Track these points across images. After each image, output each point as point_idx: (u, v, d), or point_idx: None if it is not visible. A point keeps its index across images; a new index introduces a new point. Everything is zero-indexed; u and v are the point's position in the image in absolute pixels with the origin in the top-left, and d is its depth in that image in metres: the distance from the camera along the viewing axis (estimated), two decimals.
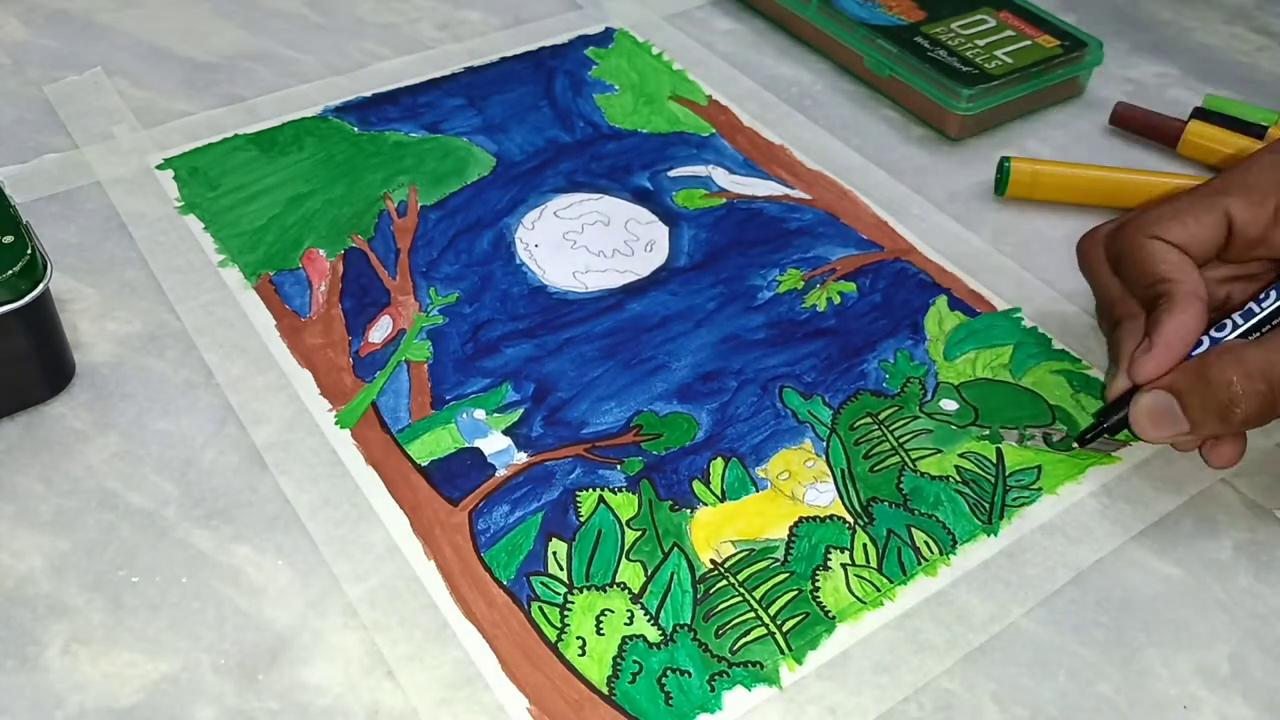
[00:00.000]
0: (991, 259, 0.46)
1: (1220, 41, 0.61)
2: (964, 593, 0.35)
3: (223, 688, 0.31)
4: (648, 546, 0.35)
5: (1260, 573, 0.36)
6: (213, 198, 0.46)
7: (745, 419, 0.39)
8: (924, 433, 0.39)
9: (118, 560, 0.34)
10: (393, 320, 0.42)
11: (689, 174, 0.50)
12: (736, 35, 0.59)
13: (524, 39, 0.57)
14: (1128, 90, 0.56)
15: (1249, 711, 0.32)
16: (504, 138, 0.51)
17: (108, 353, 0.40)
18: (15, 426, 0.37)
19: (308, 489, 0.36)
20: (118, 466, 0.36)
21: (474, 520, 0.35)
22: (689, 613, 0.34)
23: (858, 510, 0.37)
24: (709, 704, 0.31)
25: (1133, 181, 0.49)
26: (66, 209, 0.45)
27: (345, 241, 0.45)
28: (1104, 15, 0.62)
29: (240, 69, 0.54)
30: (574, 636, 0.33)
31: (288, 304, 0.42)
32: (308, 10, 0.58)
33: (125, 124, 0.50)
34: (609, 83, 0.54)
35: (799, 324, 0.43)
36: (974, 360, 0.42)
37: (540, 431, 0.38)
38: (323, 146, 0.49)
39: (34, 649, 0.32)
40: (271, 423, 0.38)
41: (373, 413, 0.38)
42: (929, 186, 0.50)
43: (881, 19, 0.55)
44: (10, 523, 0.35)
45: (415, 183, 0.48)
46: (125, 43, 0.55)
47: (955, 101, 0.51)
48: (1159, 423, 0.36)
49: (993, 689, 0.33)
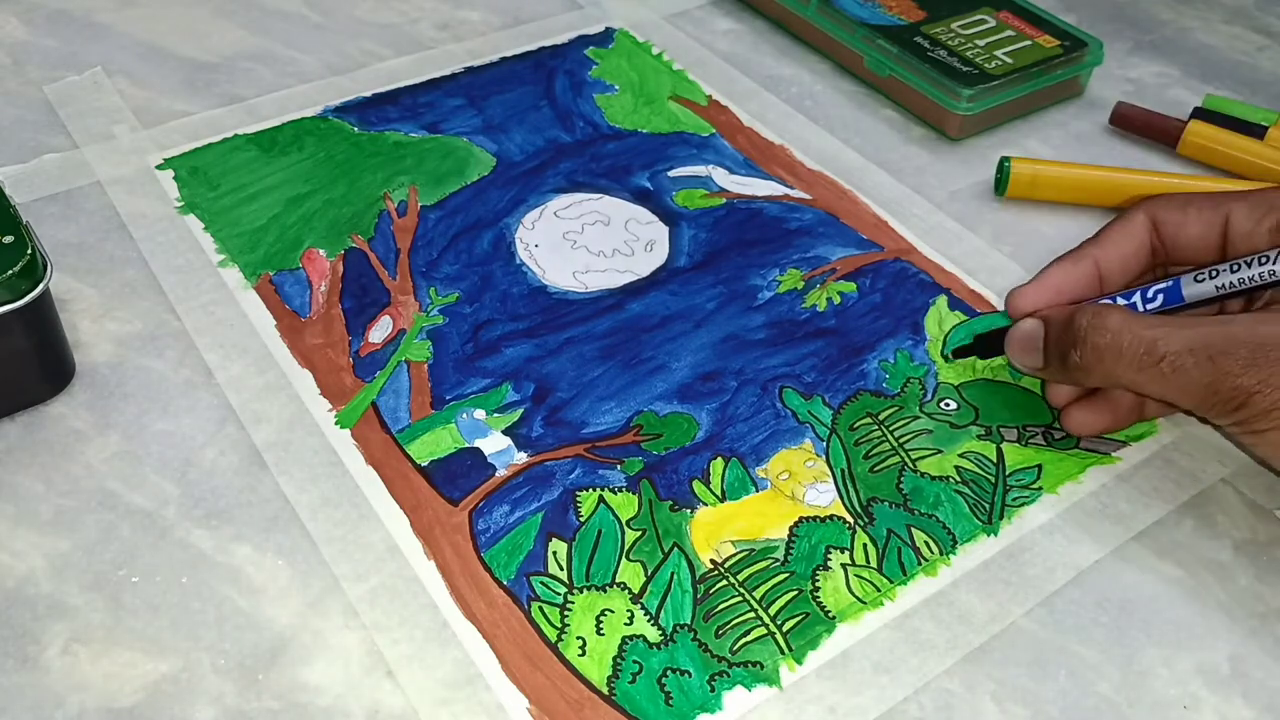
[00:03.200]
0: (991, 259, 0.46)
1: (1220, 41, 0.61)
2: (964, 593, 0.35)
3: (223, 688, 0.31)
4: (648, 546, 0.35)
5: (1260, 573, 0.36)
6: (213, 198, 0.46)
7: (745, 419, 0.39)
8: (924, 433, 0.39)
9: (118, 560, 0.34)
10: (393, 320, 0.42)
11: (689, 174, 0.50)
12: (736, 35, 0.59)
13: (524, 39, 0.57)
14: (1128, 90, 0.56)
15: (1249, 711, 0.32)
16: (504, 138, 0.51)
17: (108, 353, 0.40)
18: (15, 426, 0.37)
19: (308, 489, 0.36)
20: (118, 466, 0.36)
21: (474, 520, 0.35)
22: (689, 613, 0.34)
23: (858, 510, 0.37)
24: (709, 704, 0.31)
25: (1133, 181, 0.49)
26: (66, 209, 0.46)
27: (345, 241, 0.45)
28: (1104, 15, 0.62)
29: (240, 69, 0.54)
30: (574, 636, 0.33)
31: (288, 304, 0.42)
32: (308, 10, 0.58)
33: (125, 124, 0.50)
34: (609, 83, 0.54)
35: (799, 324, 0.43)
36: (974, 360, 0.42)
37: (540, 431, 0.38)
38: (323, 146, 0.49)
39: (34, 649, 0.32)
40: (271, 423, 0.38)
41: (373, 413, 0.38)
42: (929, 186, 0.50)
43: (881, 19, 0.55)
44: (10, 523, 0.35)
45: (415, 183, 0.48)
46: (125, 43, 0.55)
47: (955, 101, 0.51)
48: (1023, 348, 0.38)
49: (993, 689, 0.33)
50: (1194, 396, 0.34)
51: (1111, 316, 0.35)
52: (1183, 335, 0.34)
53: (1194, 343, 0.33)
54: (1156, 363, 0.34)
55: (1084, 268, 0.38)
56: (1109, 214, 0.49)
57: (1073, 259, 0.38)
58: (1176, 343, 0.33)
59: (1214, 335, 0.33)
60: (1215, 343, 0.33)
